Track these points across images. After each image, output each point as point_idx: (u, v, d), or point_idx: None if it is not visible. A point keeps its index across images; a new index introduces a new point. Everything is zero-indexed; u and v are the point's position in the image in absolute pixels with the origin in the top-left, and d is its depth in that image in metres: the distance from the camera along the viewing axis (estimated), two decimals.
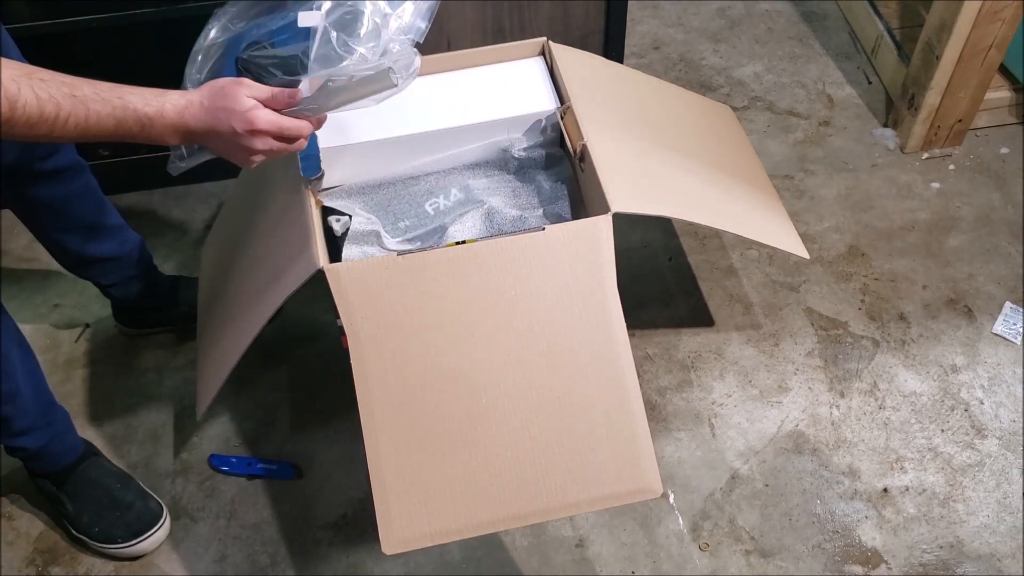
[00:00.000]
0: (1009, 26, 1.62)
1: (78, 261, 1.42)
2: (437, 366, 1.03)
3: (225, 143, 0.93)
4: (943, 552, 1.32)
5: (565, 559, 1.33)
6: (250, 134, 0.92)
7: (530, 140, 1.29)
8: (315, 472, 1.43)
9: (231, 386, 1.52)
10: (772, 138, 1.90)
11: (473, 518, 1.01)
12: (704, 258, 1.70)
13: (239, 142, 0.92)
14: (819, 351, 1.55)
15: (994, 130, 1.89)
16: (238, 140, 0.92)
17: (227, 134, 0.91)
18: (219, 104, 0.91)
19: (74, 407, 1.51)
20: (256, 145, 0.93)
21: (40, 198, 1.29)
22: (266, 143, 0.93)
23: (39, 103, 0.80)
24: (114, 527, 1.33)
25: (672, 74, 2.05)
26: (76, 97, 0.82)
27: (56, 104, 0.80)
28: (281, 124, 0.93)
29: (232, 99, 0.91)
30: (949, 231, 1.72)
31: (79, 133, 0.83)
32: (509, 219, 1.22)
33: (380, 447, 1.01)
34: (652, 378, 1.52)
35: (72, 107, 0.82)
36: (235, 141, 0.92)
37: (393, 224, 1.24)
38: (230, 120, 0.90)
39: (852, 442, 1.44)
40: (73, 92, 0.82)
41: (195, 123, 0.90)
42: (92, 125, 0.84)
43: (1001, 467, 1.40)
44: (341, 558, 1.34)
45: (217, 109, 0.90)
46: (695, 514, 1.37)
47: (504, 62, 1.34)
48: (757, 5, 2.21)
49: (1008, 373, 1.51)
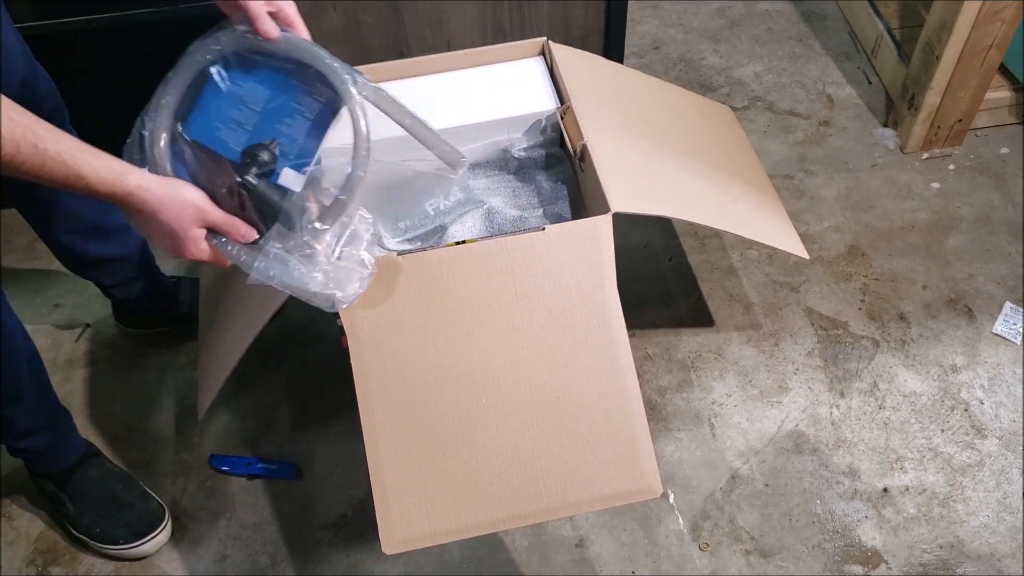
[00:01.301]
0: (1009, 26, 1.63)
1: (81, 261, 1.42)
2: (437, 366, 1.03)
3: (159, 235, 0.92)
4: (943, 552, 1.32)
5: (565, 559, 1.33)
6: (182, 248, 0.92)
7: (530, 140, 1.29)
8: (315, 472, 1.43)
9: (232, 386, 1.52)
10: (772, 138, 1.90)
11: (473, 518, 1.01)
12: (704, 258, 1.70)
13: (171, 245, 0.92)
14: (819, 351, 1.55)
15: (994, 130, 1.89)
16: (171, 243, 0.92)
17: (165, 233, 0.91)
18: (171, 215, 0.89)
19: (75, 407, 1.51)
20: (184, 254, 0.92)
21: (46, 198, 1.29)
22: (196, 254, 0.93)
23: None
24: (115, 528, 1.33)
25: (672, 74, 2.05)
26: (37, 148, 0.81)
27: (15, 147, 0.79)
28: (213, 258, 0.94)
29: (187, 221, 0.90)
30: (949, 231, 1.72)
31: (25, 178, 0.83)
32: (509, 219, 1.22)
33: (380, 447, 1.01)
34: (652, 378, 1.52)
35: (29, 156, 0.80)
36: (167, 243, 0.92)
37: (393, 224, 1.24)
38: (173, 231, 0.90)
39: (852, 442, 1.44)
40: (36, 143, 0.81)
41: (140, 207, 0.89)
42: (44, 177, 0.83)
43: (1001, 467, 1.40)
44: (341, 558, 1.34)
45: (167, 216, 0.89)
46: (695, 514, 1.37)
47: (504, 62, 1.34)
48: (757, 5, 2.21)
49: (1008, 373, 1.51)
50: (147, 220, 0.90)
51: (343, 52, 1.71)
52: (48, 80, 1.19)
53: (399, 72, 1.32)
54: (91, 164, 0.85)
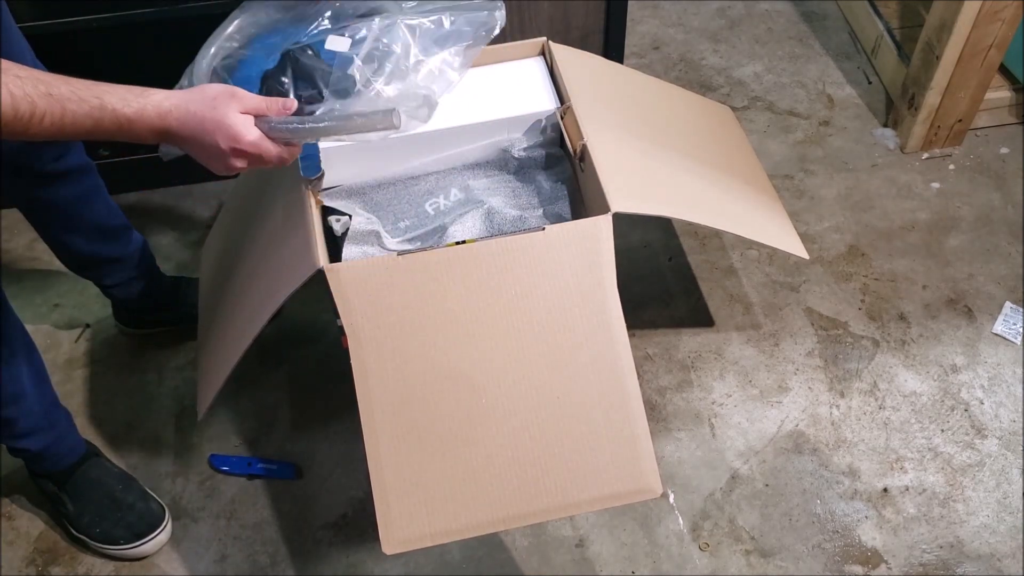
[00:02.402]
0: (1009, 26, 1.63)
1: (82, 262, 1.42)
2: (437, 366, 1.03)
3: (205, 153, 0.91)
4: (943, 552, 1.32)
5: (565, 559, 1.33)
6: (232, 151, 0.90)
7: (530, 140, 1.29)
8: (315, 472, 1.43)
9: (232, 386, 1.52)
10: (772, 138, 1.90)
11: (473, 518, 1.01)
12: (704, 258, 1.70)
13: (220, 156, 0.90)
14: (819, 351, 1.55)
15: (994, 130, 1.89)
16: (219, 154, 0.90)
17: (210, 146, 0.89)
18: (208, 115, 0.88)
19: (74, 407, 1.51)
20: (235, 163, 0.91)
21: (48, 199, 1.29)
22: (245, 161, 0.92)
23: (13, 101, 0.77)
24: (115, 528, 1.33)
25: (672, 74, 2.05)
26: (52, 96, 0.79)
27: (31, 103, 0.78)
28: (262, 149, 0.91)
29: (223, 112, 0.88)
30: (949, 231, 1.72)
31: (54, 132, 0.81)
32: (509, 219, 1.22)
33: (380, 447, 1.01)
34: (652, 378, 1.52)
35: (48, 106, 0.79)
36: (215, 154, 0.90)
37: (393, 224, 1.24)
38: (215, 134, 0.88)
39: (852, 442, 1.44)
40: (49, 91, 0.79)
41: (179, 128, 0.87)
42: (68, 124, 0.81)
43: (1001, 467, 1.40)
44: (341, 558, 1.34)
45: (205, 120, 0.88)
46: (695, 514, 1.37)
47: (504, 62, 1.34)
48: (757, 5, 2.21)
49: (1008, 373, 1.51)
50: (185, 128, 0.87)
51: None
52: None
53: None
54: (110, 91, 0.83)
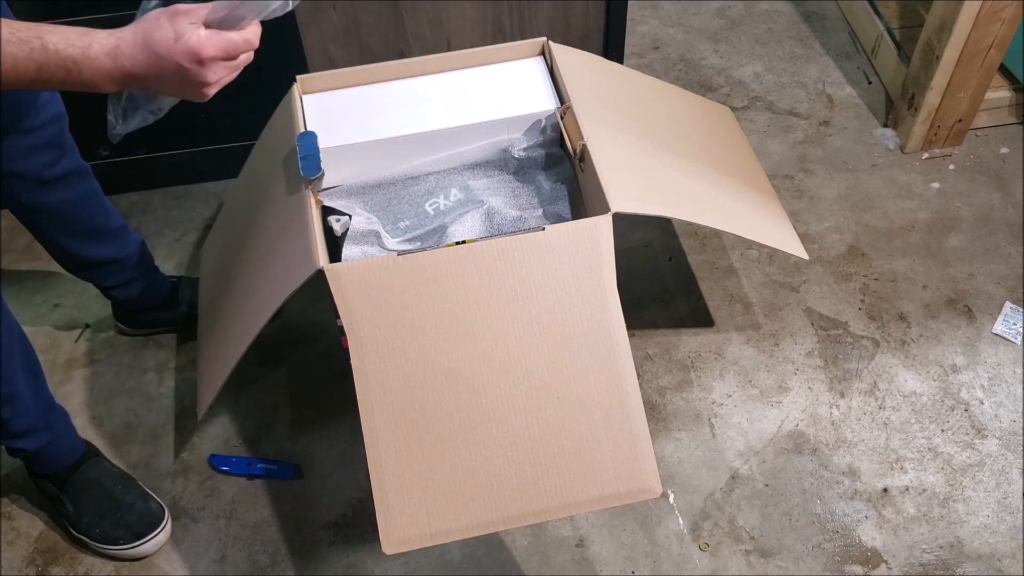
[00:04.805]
0: (1009, 26, 1.63)
1: (80, 264, 1.42)
2: (437, 366, 1.03)
3: (173, 80, 0.82)
4: (943, 552, 1.32)
5: (565, 559, 1.33)
6: (199, 64, 0.81)
7: (530, 140, 1.29)
8: (315, 472, 1.43)
9: (231, 386, 1.52)
10: (772, 138, 1.90)
11: (473, 518, 1.01)
12: (704, 258, 1.70)
13: (189, 77, 0.82)
14: (819, 351, 1.55)
15: (994, 130, 1.89)
16: (187, 75, 0.81)
17: (174, 71, 0.81)
18: (157, 38, 0.79)
19: (74, 407, 1.51)
20: (208, 76, 0.82)
21: (43, 204, 1.28)
22: (218, 71, 0.83)
23: None
24: (115, 528, 1.33)
25: (672, 74, 2.05)
26: None
27: None
28: (228, 42, 0.82)
29: (170, 30, 0.80)
30: (949, 231, 1.72)
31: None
32: (509, 219, 1.22)
33: (380, 447, 1.01)
34: (652, 378, 1.52)
35: None
36: (184, 76, 0.82)
37: (393, 224, 1.24)
38: (173, 55, 0.79)
39: (852, 442, 1.44)
40: None
41: (132, 65, 0.79)
42: (8, 71, 0.74)
43: (1001, 467, 1.40)
44: (341, 558, 1.34)
45: (155, 44, 0.79)
46: (695, 514, 1.37)
47: (504, 62, 1.34)
48: (757, 5, 2.21)
49: (1008, 373, 1.51)
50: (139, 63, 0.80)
51: (343, 52, 1.71)
52: None
53: (399, 72, 1.32)
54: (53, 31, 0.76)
